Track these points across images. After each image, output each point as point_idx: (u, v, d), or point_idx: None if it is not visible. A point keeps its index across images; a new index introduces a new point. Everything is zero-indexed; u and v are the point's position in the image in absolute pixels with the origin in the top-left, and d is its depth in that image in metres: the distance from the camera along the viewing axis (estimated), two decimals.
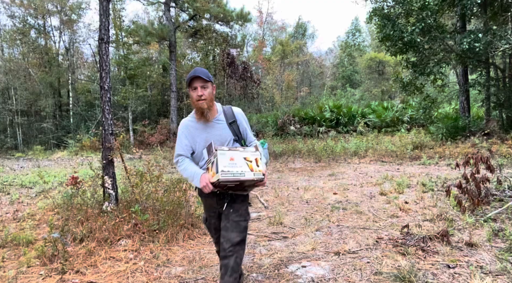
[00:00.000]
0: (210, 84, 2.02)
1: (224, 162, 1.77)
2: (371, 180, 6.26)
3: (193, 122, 2.09)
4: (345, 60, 33.36)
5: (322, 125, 15.59)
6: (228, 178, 1.76)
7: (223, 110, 2.13)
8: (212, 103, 2.05)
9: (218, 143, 2.02)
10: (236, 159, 1.81)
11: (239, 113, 2.16)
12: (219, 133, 2.05)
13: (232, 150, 1.84)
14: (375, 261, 2.79)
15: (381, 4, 11.11)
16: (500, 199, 4.08)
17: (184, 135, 2.10)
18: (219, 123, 2.08)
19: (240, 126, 2.13)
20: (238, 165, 1.80)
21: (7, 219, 4.74)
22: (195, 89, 1.98)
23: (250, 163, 1.85)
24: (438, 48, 10.35)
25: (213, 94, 2.05)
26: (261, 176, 1.86)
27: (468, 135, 10.19)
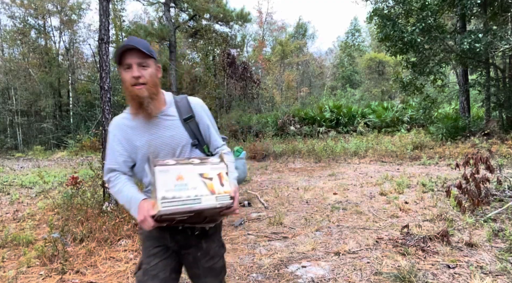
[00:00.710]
0: (153, 62, 1.40)
1: (167, 183, 1.18)
2: (371, 180, 6.26)
3: (128, 120, 1.45)
4: (345, 60, 33.37)
5: (322, 125, 15.59)
6: (174, 209, 1.16)
7: (174, 101, 1.50)
8: (157, 90, 1.41)
9: (167, 150, 1.42)
10: (187, 177, 1.22)
11: (198, 104, 1.53)
12: (168, 134, 1.43)
13: (180, 164, 1.25)
14: (375, 261, 2.79)
15: (381, 5, 11.12)
16: (500, 199, 4.08)
17: (117, 140, 1.45)
18: (168, 119, 1.45)
19: (201, 124, 1.51)
20: (190, 187, 1.21)
21: (7, 219, 4.74)
22: (128, 68, 1.35)
23: (210, 182, 1.25)
24: (438, 48, 10.35)
25: (157, 77, 1.43)
26: (228, 200, 1.25)
27: (468, 135, 10.19)
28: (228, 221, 4.25)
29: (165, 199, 1.16)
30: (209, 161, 1.32)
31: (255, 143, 12.20)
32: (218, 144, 1.58)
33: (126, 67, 1.36)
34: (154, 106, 1.40)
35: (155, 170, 1.20)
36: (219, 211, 1.28)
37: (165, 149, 1.43)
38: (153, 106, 1.40)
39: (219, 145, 1.58)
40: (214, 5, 18.67)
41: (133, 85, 1.35)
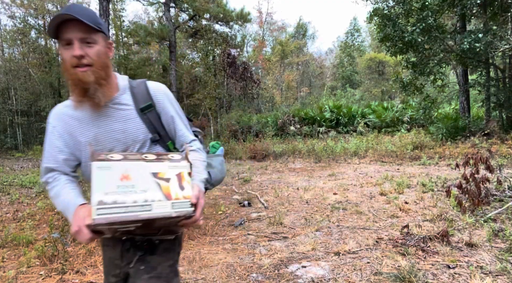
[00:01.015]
0: (102, 37, 1.12)
1: (107, 184, 0.93)
2: (371, 180, 6.26)
3: (71, 109, 1.19)
4: (345, 60, 33.38)
5: (322, 125, 15.60)
6: (114, 218, 0.90)
7: (129, 86, 1.24)
8: (107, 74, 1.14)
9: (119, 148, 1.17)
10: (135, 176, 0.97)
11: (158, 90, 1.25)
12: (120, 127, 1.17)
13: (128, 159, 0.99)
14: (375, 261, 2.79)
15: (381, 5, 11.12)
16: (500, 199, 4.08)
17: (57, 133, 1.20)
18: (121, 109, 1.18)
19: (163, 115, 1.25)
20: (139, 189, 0.95)
21: (7, 219, 4.74)
22: (68, 45, 1.07)
23: (166, 184, 0.99)
24: (438, 48, 10.35)
25: (108, 57, 1.15)
26: (188, 208, 0.99)
27: (468, 135, 10.19)
28: (228, 221, 4.26)
29: (102, 205, 0.90)
30: (168, 157, 1.06)
31: (255, 143, 12.21)
32: (186, 139, 1.29)
33: (65, 43, 1.07)
34: (103, 93, 1.12)
35: (92, 166, 0.93)
36: (176, 222, 1.01)
37: (116, 147, 1.18)
38: (101, 93, 1.11)
39: (187, 140, 1.29)
40: (214, 5, 18.68)
41: (74, 66, 1.07)
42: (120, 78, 1.25)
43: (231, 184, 6.73)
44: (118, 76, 1.24)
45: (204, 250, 3.30)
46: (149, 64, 21.46)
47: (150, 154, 1.05)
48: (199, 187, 1.11)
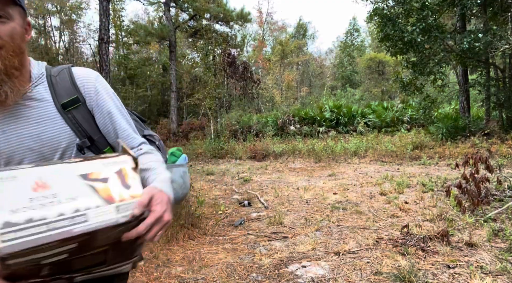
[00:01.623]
0: (19, 12, 0.85)
1: (14, 198, 0.67)
2: (371, 180, 6.26)
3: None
4: (344, 60, 33.39)
5: (322, 125, 15.60)
6: (29, 242, 0.64)
7: (47, 74, 0.95)
8: (21, 62, 0.87)
9: (32, 159, 0.88)
10: (55, 183, 0.72)
11: (89, 79, 0.96)
12: (32, 131, 0.88)
13: (43, 165, 0.74)
14: (375, 261, 2.79)
15: (381, 5, 11.12)
16: (500, 199, 4.08)
17: None
18: (34, 106, 0.89)
19: (97, 112, 0.96)
20: (64, 198, 0.70)
21: None
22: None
23: (104, 185, 0.75)
24: (438, 48, 10.35)
25: (24, 40, 0.88)
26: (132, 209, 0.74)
27: (468, 135, 10.19)
28: (228, 220, 4.26)
29: (10, 227, 0.63)
30: (99, 156, 0.81)
31: (255, 143, 12.21)
32: (132, 143, 0.98)
33: None
34: (13, 88, 0.83)
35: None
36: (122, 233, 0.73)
37: (27, 158, 0.86)
38: (10, 88, 0.82)
39: (133, 143, 0.98)
40: (214, 5, 18.69)
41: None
42: (35, 64, 0.95)
43: (231, 184, 6.73)
44: (33, 62, 0.95)
45: (204, 250, 3.30)
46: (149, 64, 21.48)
47: (75, 158, 0.82)
48: (155, 189, 0.80)
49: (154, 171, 0.90)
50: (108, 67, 4.34)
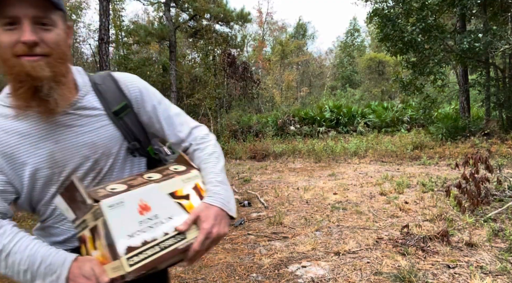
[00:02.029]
0: (61, 17, 0.82)
1: (127, 224, 0.74)
2: (371, 180, 6.26)
3: (6, 119, 0.83)
4: (344, 60, 33.40)
5: (322, 125, 15.60)
6: (149, 263, 0.73)
7: (92, 83, 0.93)
8: (66, 69, 0.85)
9: (86, 168, 0.88)
10: (154, 204, 0.79)
11: (133, 84, 0.97)
12: (88, 140, 0.88)
13: (135, 186, 0.80)
14: (375, 261, 2.79)
15: (381, 5, 11.12)
16: (500, 199, 4.08)
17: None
18: (87, 115, 0.89)
19: (143, 114, 0.98)
20: (163, 218, 0.79)
21: None
22: (12, 24, 0.75)
23: (188, 202, 0.85)
24: (438, 48, 10.35)
25: (68, 46, 0.85)
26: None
27: (468, 135, 10.19)
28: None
29: (132, 251, 0.71)
30: (174, 170, 0.89)
31: (255, 143, 12.21)
32: (183, 136, 1.00)
33: (7, 21, 0.74)
34: (61, 95, 0.81)
35: (101, 207, 0.71)
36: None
37: (82, 166, 0.87)
38: (58, 95, 0.80)
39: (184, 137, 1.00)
40: (215, 5, 18.69)
41: (20, 55, 0.75)
42: (77, 73, 0.93)
43: (231, 184, 6.73)
44: (74, 70, 0.92)
45: None
46: (149, 64, 21.47)
47: (149, 173, 0.87)
48: (203, 205, 0.87)
49: (206, 178, 0.94)
50: (108, 67, 4.34)
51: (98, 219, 0.73)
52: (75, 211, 0.78)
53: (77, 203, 0.77)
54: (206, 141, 1.01)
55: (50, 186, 0.86)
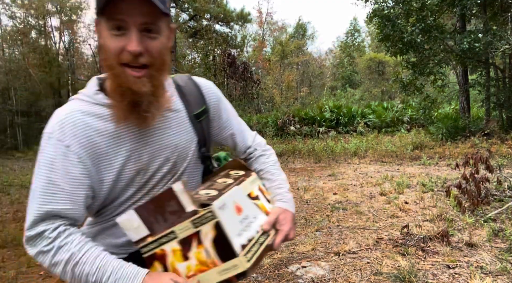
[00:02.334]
0: (166, 22, 0.79)
1: (233, 224, 0.77)
2: (371, 180, 6.26)
3: (99, 120, 0.81)
4: (344, 60, 33.41)
5: (322, 125, 15.60)
6: (257, 258, 0.79)
7: (174, 84, 0.94)
8: (165, 77, 0.84)
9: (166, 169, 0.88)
10: (244, 205, 0.83)
11: (212, 90, 0.99)
12: (172, 141, 0.88)
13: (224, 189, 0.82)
14: (375, 261, 2.79)
15: (381, 5, 11.13)
16: (500, 199, 4.08)
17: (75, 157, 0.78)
18: (171, 117, 0.89)
19: (216, 121, 0.99)
20: (251, 217, 0.84)
21: (7, 219, 4.74)
22: (120, 30, 0.73)
23: (260, 202, 0.91)
24: (438, 48, 10.36)
25: (169, 53, 0.83)
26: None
27: (468, 135, 10.19)
28: None
29: (245, 249, 0.75)
30: (234, 174, 0.94)
31: None
32: (249, 143, 1.05)
33: (115, 25, 0.72)
34: (158, 107, 0.81)
35: (214, 210, 0.71)
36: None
37: (162, 168, 0.87)
38: (156, 108, 0.80)
39: (249, 144, 1.05)
40: (215, 6, 18.70)
41: (123, 64, 0.74)
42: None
43: None
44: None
45: None
46: None
47: (219, 179, 0.91)
48: (280, 209, 0.93)
49: (272, 183, 1.00)
50: None
51: (204, 224, 0.73)
52: (151, 226, 0.76)
53: (164, 214, 0.75)
54: (269, 149, 1.09)
55: (131, 187, 0.84)
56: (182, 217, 0.73)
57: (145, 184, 0.86)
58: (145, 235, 0.77)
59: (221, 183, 0.86)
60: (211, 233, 0.73)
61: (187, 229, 0.74)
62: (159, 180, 0.87)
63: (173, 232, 0.75)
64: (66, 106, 0.85)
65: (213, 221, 0.72)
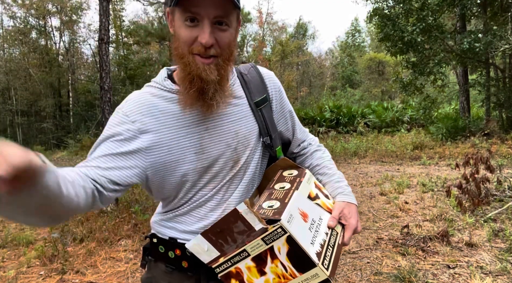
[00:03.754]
0: (237, 15, 0.82)
1: (304, 232, 0.75)
2: (371, 180, 6.26)
3: (167, 101, 0.84)
4: (345, 60, 33.40)
5: (322, 125, 15.60)
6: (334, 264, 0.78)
7: (237, 71, 0.96)
8: (231, 67, 0.87)
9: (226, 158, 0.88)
10: (307, 210, 0.81)
11: (274, 80, 1.00)
12: (232, 128, 0.88)
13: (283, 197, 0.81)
14: (375, 261, 2.79)
15: (381, 5, 11.12)
16: (500, 199, 4.08)
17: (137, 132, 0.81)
18: (233, 104, 0.90)
19: (279, 111, 0.99)
20: (317, 220, 0.82)
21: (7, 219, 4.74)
22: (193, 21, 0.75)
23: (320, 201, 0.90)
24: (438, 48, 10.35)
25: (236, 44, 0.86)
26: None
27: (468, 135, 10.19)
28: None
29: (321, 258, 0.74)
30: (288, 175, 0.92)
31: None
32: (304, 137, 1.07)
33: (188, 17, 0.75)
34: (222, 96, 0.83)
35: (283, 225, 0.70)
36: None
37: (224, 155, 0.87)
38: (220, 96, 0.82)
39: (304, 138, 1.07)
40: None
41: (195, 54, 0.77)
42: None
43: None
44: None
45: None
46: (149, 64, 21.48)
47: (277, 184, 0.89)
48: (343, 202, 0.92)
49: (331, 177, 1.00)
50: (108, 68, 4.34)
51: (276, 240, 0.72)
52: (221, 248, 0.77)
53: (232, 235, 0.75)
54: (322, 145, 1.10)
55: (192, 171, 0.85)
56: (251, 236, 0.73)
57: (207, 169, 0.86)
58: (216, 256, 0.78)
59: (280, 190, 0.85)
60: (284, 247, 0.72)
61: (259, 247, 0.73)
62: (222, 167, 0.88)
63: (245, 251, 0.75)
64: (139, 91, 0.89)
65: (284, 236, 0.71)
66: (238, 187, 0.91)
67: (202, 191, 0.88)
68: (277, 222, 0.70)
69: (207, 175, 0.87)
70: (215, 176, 0.87)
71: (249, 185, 0.93)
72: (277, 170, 0.98)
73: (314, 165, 1.03)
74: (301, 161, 1.07)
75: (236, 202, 0.90)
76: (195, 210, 0.89)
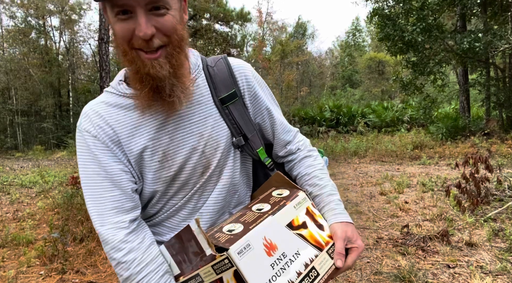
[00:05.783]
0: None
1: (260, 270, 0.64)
2: (371, 180, 6.26)
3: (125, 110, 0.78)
4: (345, 60, 33.40)
5: (322, 125, 15.60)
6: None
7: (203, 64, 0.85)
8: (185, 55, 0.77)
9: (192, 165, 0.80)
10: (279, 241, 0.69)
11: (246, 71, 0.87)
12: (196, 129, 0.80)
13: (250, 223, 0.70)
14: (375, 261, 2.79)
15: (381, 4, 11.12)
16: (500, 199, 4.08)
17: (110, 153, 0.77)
18: (195, 101, 0.80)
19: (254, 108, 0.88)
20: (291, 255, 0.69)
21: (7, 219, 4.74)
22: (125, 14, 0.67)
23: (307, 231, 0.75)
24: (439, 48, 10.35)
25: (185, 26, 0.76)
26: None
27: (468, 135, 10.19)
28: None
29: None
30: (280, 196, 0.79)
31: None
32: (288, 138, 0.93)
33: (118, 9, 0.67)
34: (184, 89, 0.74)
35: (231, 256, 0.60)
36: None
37: (190, 160, 0.79)
38: (181, 90, 0.73)
39: (289, 139, 0.93)
40: (214, 5, 18.70)
41: (137, 48, 0.69)
42: (191, 53, 0.84)
43: None
44: (190, 51, 0.84)
45: None
46: None
47: (256, 205, 0.78)
48: (343, 226, 0.79)
49: (322, 190, 0.87)
50: (108, 67, 4.34)
51: (224, 271, 0.62)
52: (180, 266, 0.70)
53: (188, 254, 0.67)
54: (315, 150, 0.96)
55: (158, 180, 0.79)
56: (203, 260, 0.65)
57: (174, 177, 0.80)
58: (177, 274, 0.73)
59: (254, 213, 0.73)
60: (232, 282, 0.62)
61: (210, 274, 0.65)
62: (191, 173, 0.80)
63: (199, 275, 0.67)
64: (94, 100, 0.82)
65: (231, 269, 0.61)
66: (212, 194, 0.83)
67: (172, 201, 0.82)
68: (225, 251, 0.61)
69: (176, 184, 0.80)
70: (185, 184, 0.81)
71: (227, 192, 0.84)
72: (269, 188, 0.87)
73: (303, 174, 0.91)
74: (289, 169, 0.95)
75: (211, 210, 0.82)
76: (166, 220, 0.85)
